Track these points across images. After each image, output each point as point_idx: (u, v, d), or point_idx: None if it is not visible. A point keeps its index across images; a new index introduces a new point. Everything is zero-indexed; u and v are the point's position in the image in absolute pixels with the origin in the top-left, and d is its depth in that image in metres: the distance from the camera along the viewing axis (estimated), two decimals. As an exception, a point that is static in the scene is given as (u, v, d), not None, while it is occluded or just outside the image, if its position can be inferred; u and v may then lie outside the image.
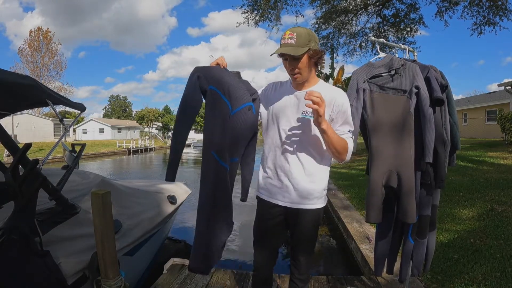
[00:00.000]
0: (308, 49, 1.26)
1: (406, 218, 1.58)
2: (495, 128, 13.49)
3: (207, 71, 1.31)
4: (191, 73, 1.30)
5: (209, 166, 1.28)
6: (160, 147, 35.33)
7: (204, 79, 1.28)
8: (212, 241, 1.32)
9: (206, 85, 1.28)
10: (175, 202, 3.26)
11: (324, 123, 1.21)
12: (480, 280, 2.15)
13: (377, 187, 1.61)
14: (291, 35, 1.26)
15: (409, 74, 1.58)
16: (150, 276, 2.78)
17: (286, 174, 1.39)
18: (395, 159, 1.60)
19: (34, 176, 1.59)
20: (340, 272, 3.23)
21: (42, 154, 16.98)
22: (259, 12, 11.31)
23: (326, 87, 1.39)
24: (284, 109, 1.39)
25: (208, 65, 1.35)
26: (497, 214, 3.48)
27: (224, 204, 1.32)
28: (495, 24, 9.99)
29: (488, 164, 6.78)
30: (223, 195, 1.30)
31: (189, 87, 1.28)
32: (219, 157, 1.27)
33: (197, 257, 1.32)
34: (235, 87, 1.32)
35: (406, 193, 1.56)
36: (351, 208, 4.56)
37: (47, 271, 1.55)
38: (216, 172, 1.28)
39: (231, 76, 1.36)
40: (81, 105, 2.37)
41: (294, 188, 1.38)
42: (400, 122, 1.59)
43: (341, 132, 1.34)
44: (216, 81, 1.29)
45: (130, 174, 13.80)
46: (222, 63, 1.36)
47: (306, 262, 1.50)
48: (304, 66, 1.30)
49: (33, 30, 36.69)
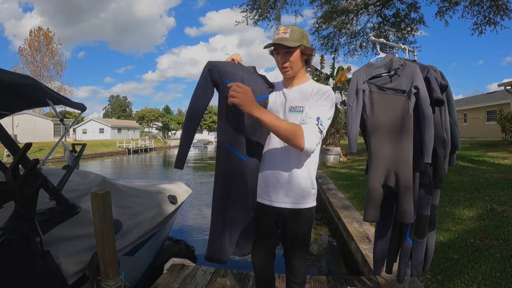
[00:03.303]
0: (301, 44, 1.31)
1: (403, 218, 1.59)
2: (495, 128, 13.49)
3: (220, 65, 1.33)
4: (204, 67, 1.33)
5: (222, 157, 1.30)
6: (160, 147, 35.34)
7: (217, 72, 1.30)
8: (227, 231, 1.32)
9: (218, 78, 1.30)
10: (176, 202, 3.26)
11: (255, 111, 1.14)
12: (480, 280, 2.15)
13: (375, 187, 1.62)
14: (286, 30, 1.31)
15: (409, 74, 1.57)
16: (150, 276, 2.79)
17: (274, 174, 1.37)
18: (393, 159, 1.60)
19: (34, 176, 1.59)
20: (340, 272, 3.24)
21: (42, 154, 16.98)
22: (258, 12, 11.30)
23: (314, 84, 1.40)
24: (273, 106, 1.41)
25: (222, 60, 1.38)
26: (497, 214, 3.49)
27: (239, 195, 1.32)
28: (496, 23, 9.96)
29: (488, 164, 6.78)
30: (238, 185, 1.30)
31: (200, 80, 1.32)
32: (232, 148, 1.28)
33: (212, 246, 1.33)
34: (249, 80, 1.33)
35: (404, 193, 1.56)
36: (351, 208, 4.55)
37: (48, 271, 1.55)
38: (229, 163, 1.29)
39: (246, 71, 1.38)
40: (82, 105, 2.37)
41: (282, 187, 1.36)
42: (399, 123, 1.59)
43: (306, 117, 1.27)
44: (229, 74, 1.30)
45: (130, 174, 13.81)
46: (237, 59, 1.38)
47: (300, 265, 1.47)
48: (296, 60, 1.34)
49: (33, 30, 36.74)
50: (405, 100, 1.56)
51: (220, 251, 1.31)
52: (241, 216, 1.34)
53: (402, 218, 1.59)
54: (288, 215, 1.38)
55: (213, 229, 1.33)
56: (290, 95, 1.39)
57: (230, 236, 1.33)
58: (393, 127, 1.61)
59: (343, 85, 11.73)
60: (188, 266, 2.70)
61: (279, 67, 1.39)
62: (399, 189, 1.58)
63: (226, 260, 1.32)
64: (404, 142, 1.57)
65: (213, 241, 1.33)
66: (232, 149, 1.28)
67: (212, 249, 1.33)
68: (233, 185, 1.30)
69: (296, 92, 1.39)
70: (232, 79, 1.28)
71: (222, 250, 1.31)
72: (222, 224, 1.32)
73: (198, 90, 1.33)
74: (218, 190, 1.32)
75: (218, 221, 1.32)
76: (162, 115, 49.95)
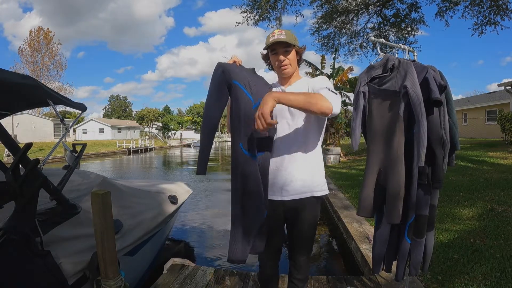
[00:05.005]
0: (296, 44, 1.43)
1: (388, 218, 1.60)
2: (495, 128, 13.50)
3: (229, 67, 1.37)
4: (214, 68, 1.36)
5: (238, 158, 1.35)
6: (160, 147, 35.33)
7: (228, 73, 1.34)
8: (246, 232, 1.37)
9: (230, 80, 1.33)
10: (176, 202, 3.26)
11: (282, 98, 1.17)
12: (480, 280, 2.15)
13: (368, 183, 1.69)
14: (281, 32, 1.41)
15: (402, 74, 1.57)
16: (150, 276, 2.79)
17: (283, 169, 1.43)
18: (384, 158, 1.64)
19: (34, 176, 1.59)
20: (340, 272, 3.24)
21: (42, 154, 16.99)
22: (258, 12, 11.29)
23: (309, 79, 1.52)
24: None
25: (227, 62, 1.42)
26: (497, 214, 3.49)
27: (255, 196, 1.35)
28: (496, 23, 9.95)
29: (488, 164, 6.78)
30: (253, 187, 1.34)
31: (213, 82, 1.34)
32: (245, 149, 1.33)
33: (234, 246, 1.37)
34: (255, 82, 1.40)
35: (391, 192, 1.58)
36: (351, 208, 4.56)
37: (48, 271, 1.55)
38: (244, 165, 1.33)
39: (249, 72, 1.45)
40: (82, 105, 2.37)
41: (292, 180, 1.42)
42: (390, 123, 1.60)
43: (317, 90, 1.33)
44: (238, 76, 1.35)
45: (130, 174, 13.80)
46: (237, 61, 1.44)
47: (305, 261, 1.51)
48: (293, 58, 1.46)
49: (33, 30, 36.74)
50: (398, 100, 1.56)
51: (242, 252, 1.37)
52: (257, 216, 1.38)
53: (387, 218, 1.61)
54: (297, 207, 1.44)
55: (234, 230, 1.38)
56: (290, 91, 1.46)
57: (248, 236, 1.38)
58: (385, 128, 1.64)
59: (344, 85, 11.72)
60: (188, 266, 2.70)
61: (276, 67, 1.47)
62: (387, 188, 1.60)
63: (245, 259, 1.38)
64: (394, 143, 1.58)
65: (234, 242, 1.37)
66: (246, 150, 1.33)
67: (234, 251, 1.37)
68: (249, 187, 1.34)
69: (294, 88, 1.48)
70: (241, 81, 1.33)
71: (243, 251, 1.37)
72: (242, 226, 1.36)
73: (212, 97, 1.34)
74: (236, 191, 1.37)
75: (237, 223, 1.37)
76: (162, 115, 49.92)
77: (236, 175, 1.35)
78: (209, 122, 1.36)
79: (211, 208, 6.24)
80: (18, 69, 34.68)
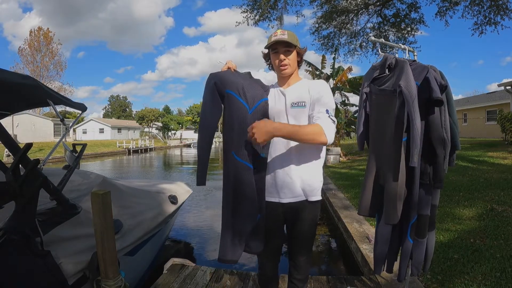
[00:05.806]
0: (297, 45, 1.43)
1: (387, 218, 1.60)
2: (495, 128, 13.50)
3: (222, 76, 1.40)
4: (207, 80, 1.40)
5: (229, 165, 1.38)
6: (160, 147, 35.33)
7: (221, 84, 1.37)
8: (236, 233, 1.40)
9: (223, 90, 1.37)
10: (176, 202, 3.26)
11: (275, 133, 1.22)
12: (480, 280, 2.15)
13: (369, 183, 1.71)
14: (283, 32, 1.42)
15: (398, 73, 1.57)
16: (150, 276, 2.79)
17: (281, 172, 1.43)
18: (383, 158, 1.65)
19: (35, 176, 1.59)
20: (340, 272, 3.24)
21: (43, 154, 16.99)
22: (259, 12, 11.28)
23: (308, 81, 1.51)
24: (274, 105, 1.47)
25: (220, 70, 1.45)
26: (497, 214, 3.49)
27: (246, 199, 1.37)
28: (496, 23, 9.94)
29: (488, 164, 6.78)
30: (244, 190, 1.36)
31: (207, 94, 1.38)
32: (238, 156, 1.35)
33: (224, 247, 1.40)
34: (249, 87, 1.41)
35: (390, 192, 1.58)
36: (351, 208, 4.55)
37: (48, 271, 1.55)
38: (236, 170, 1.36)
39: (243, 77, 1.46)
40: (82, 105, 2.37)
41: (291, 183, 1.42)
42: (389, 123, 1.60)
43: (316, 113, 1.36)
44: (231, 85, 1.37)
45: (130, 174, 13.80)
46: (232, 66, 1.46)
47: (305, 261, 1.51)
48: (294, 59, 1.45)
49: (33, 30, 36.73)
50: (396, 99, 1.56)
51: (232, 252, 1.39)
52: (248, 218, 1.40)
53: (385, 218, 1.62)
54: (297, 208, 1.44)
55: (224, 232, 1.41)
56: (289, 93, 1.46)
57: (240, 237, 1.40)
58: (385, 127, 1.64)
59: (343, 85, 11.72)
60: (188, 266, 2.70)
61: (276, 66, 1.47)
62: (385, 188, 1.60)
63: (237, 260, 1.40)
64: (393, 143, 1.58)
65: (224, 242, 1.40)
66: (238, 157, 1.35)
67: (224, 250, 1.40)
68: (240, 190, 1.37)
69: (294, 90, 1.47)
70: (235, 89, 1.36)
71: (233, 251, 1.39)
72: (232, 227, 1.39)
73: (206, 110, 1.38)
74: (227, 195, 1.40)
75: (228, 224, 1.40)
76: (162, 115, 49.90)
77: (228, 181, 1.38)
78: (206, 134, 1.41)
79: (211, 208, 6.24)
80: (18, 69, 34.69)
